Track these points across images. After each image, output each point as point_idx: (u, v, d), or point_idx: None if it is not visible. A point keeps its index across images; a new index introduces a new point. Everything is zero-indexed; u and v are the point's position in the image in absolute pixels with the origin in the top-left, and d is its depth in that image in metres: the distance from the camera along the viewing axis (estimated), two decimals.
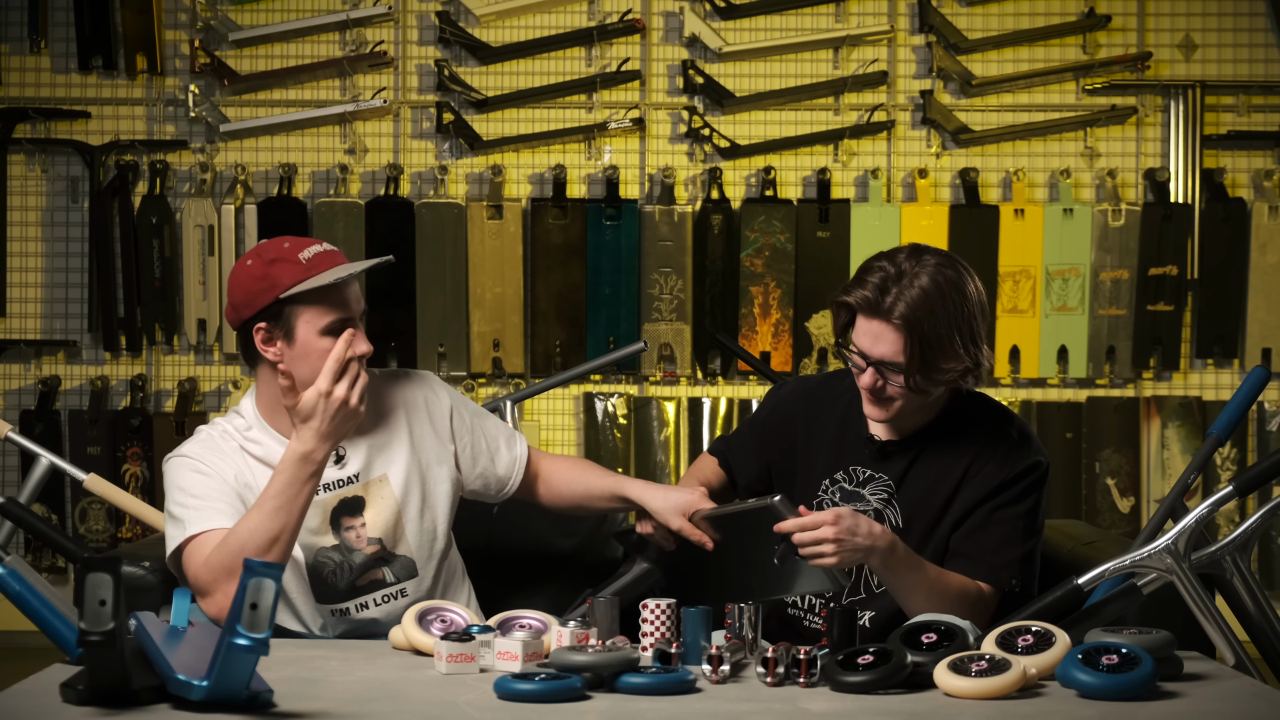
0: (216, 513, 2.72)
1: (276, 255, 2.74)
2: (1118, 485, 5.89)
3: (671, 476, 5.83)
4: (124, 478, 5.79)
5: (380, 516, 2.84)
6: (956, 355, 2.64)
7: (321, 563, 2.81)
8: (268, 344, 2.75)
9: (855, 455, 2.81)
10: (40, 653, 2.87)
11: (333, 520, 2.82)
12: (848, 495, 2.80)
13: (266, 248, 2.77)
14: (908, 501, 2.76)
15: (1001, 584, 2.70)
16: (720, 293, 5.88)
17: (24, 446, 4.12)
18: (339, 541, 2.82)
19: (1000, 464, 2.73)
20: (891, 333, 2.64)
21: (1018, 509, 2.73)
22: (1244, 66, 5.99)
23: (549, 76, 5.96)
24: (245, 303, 2.75)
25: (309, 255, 2.74)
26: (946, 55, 5.93)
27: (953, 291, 2.64)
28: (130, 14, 5.88)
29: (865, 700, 2.16)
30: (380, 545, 2.83)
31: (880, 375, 2.67)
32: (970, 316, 2.66)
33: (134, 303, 5.86)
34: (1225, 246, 5.91)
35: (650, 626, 2.41)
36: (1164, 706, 2.13)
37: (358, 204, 5.84)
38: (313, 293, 2.72)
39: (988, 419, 2.79)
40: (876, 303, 2.64)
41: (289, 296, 2.72)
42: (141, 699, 2.03)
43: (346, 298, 2.76)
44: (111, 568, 1.95)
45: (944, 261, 2.68)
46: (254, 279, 2.74)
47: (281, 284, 2.72)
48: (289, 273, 2.72)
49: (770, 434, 2.92)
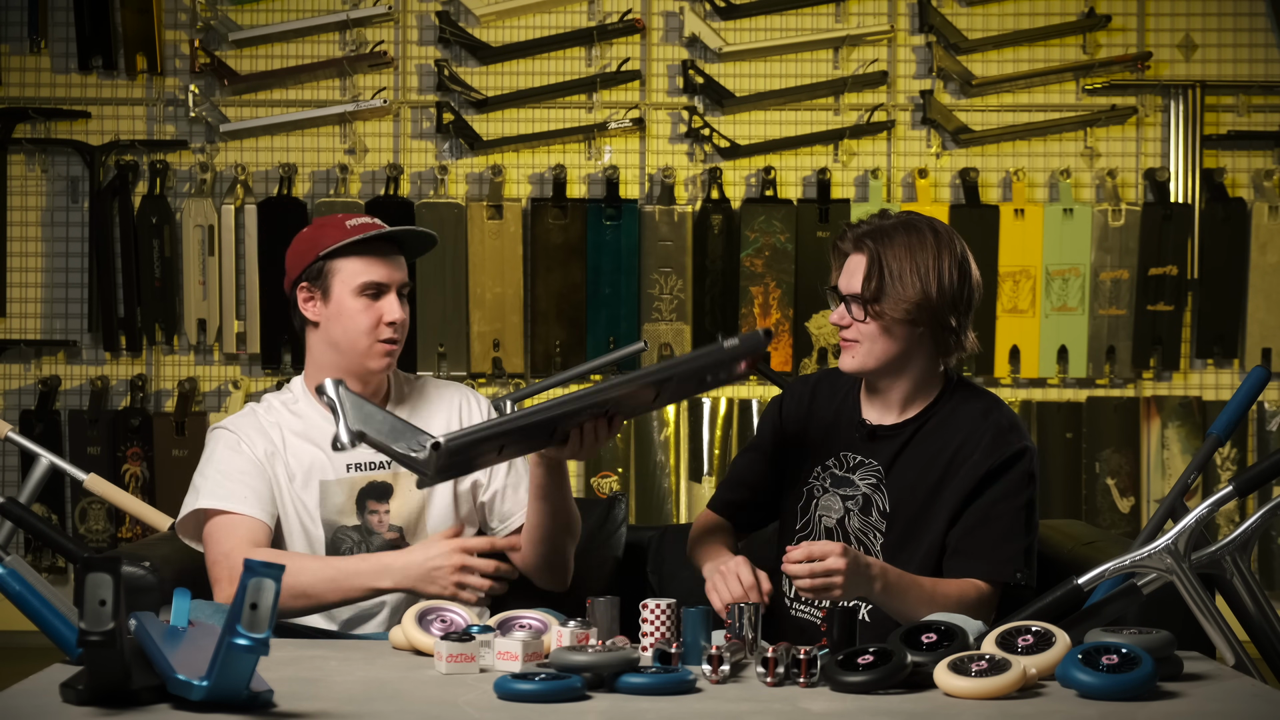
0: (241, 499, 2.82)
1: (326, 223, 2.90)
2: (1118, 485, 5.89)
3: (672, 476, 5.83)
4: (124, 478, 5.79)
5: (406, 508, 2.89)
6: (911, 285, 2.70)
7: (340, 540, 2.87)
8: (308, 302, 2.88)
9: (846, 440, 2.84)
10: (40, 653, 2.87)
11: (359, 500, 2.88)
12: (838, 481, 2.82)
13: (318, 220, 2.96)
14: (896, 487, 2.77)
15: (1006, 578, 2.71)
16: (720, 293, 5.88)
17: (24, 446, 4.12)
18: (360, 523, 2.88)
19: (988, 450, 2.75)
20: (854, 258, 2.76)
21: (1015, 502, 2.74)
22: (1244, 66, 6.00)
23: (549, 76, 5.97)
24: (293, 264, 2.90)
25: (355, 223, 2.87)
26: (946, 55, 5.93)
27: (919, 232, 2.74)
28: (130, 14, 5.88)
29: (865, 700, 2.16)
30: (400, 535, 2.89)
31: (847, 309, 2.75)
32: (936, 257, 2.72)
33: (134, 303, 5.87)
34: (1225, 246, 5.91)
35: (650, 626, 2.41)
36: (1164, 706, 2.13)
37: (358, 204, 5.84)
38: (350, 252, 2.84)
39: (976, 406, 2.81)
40: (850, 234, 2.78)
41: (328, 253, 2.84)
42: (141, 699, 2.03)
43: (384, 263, 2.86)
44: (111, 568, 1.95)
45: (927, 218, 2.79)
46: (302, 241, 2.91)
47: (322, 244, 2.85)
48: (331, 235, 2.86)
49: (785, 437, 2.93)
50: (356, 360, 2.87)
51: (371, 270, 2.85)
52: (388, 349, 2.87)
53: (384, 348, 2.87)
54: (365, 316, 2.85)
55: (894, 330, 2.73)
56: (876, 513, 2.78)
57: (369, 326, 2.85)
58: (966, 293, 2.75)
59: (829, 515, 2.81)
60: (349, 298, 2.85)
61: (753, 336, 2.65)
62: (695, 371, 2.70)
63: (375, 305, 2.85)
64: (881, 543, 2.78)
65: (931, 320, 2.73)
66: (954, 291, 2.73)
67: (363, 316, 2.85)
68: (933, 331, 2.75)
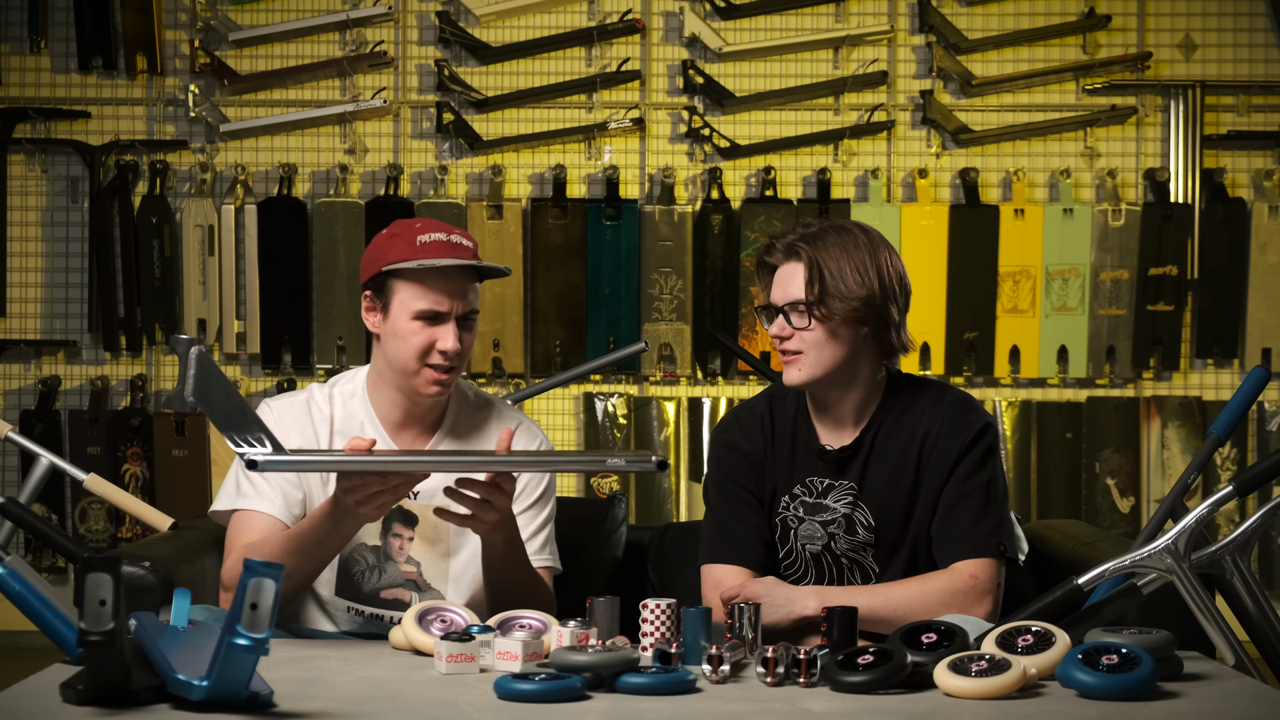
0: (268, 500, 2.76)
1: (399, 231, 2.78)
2: (1118, 485, 5.89)
3: (671, 476, 5.83)
4: (124, 478, 5.79)
5: (430, 550, 2.82)
6: (854, 281, 2.70)
7: (355, 559, 2.81)
8: (370, 312, 2.80)
9: (809, 467, 2.80)
10: (40, 653, 2.88)
11: (386, 520, 2.80)
12: (811, 508, 2.79)
13: (400, 223, 2.81)
14: (874, 499, 2.76)
15: (990, 553, 2.72)
16: (720, 293, 5.88)
17: (24, 446, 4.11)
18: (381, 544, 2.82)
19: (952, 434, 2.75)
20: (787, 267, 2.74)
21: (981, 478, 2.75)
22: (1244, 66, 6.00)
23: (549, 76, 5.97)
24: (364, 268, 2.81)
25: (427, 239, 2.74)
26: (946, 55, 5.93)
27: (849, 232, 2.75)
28: (130, 14, 5.88)
29: (865, 700, 2.16)
30: (418, 570, 2.82)
31: (787, 321, 2.72)
32: (872, 253, 2.73)
33: (134, 303, 5.87)
34: (1225, 246, 5.91)
35: (650, 626, 2.41)
36: (1164, 706, 2.13)
37: (358, 204, 5.84)
38: (413, 274, 2.73)
39: (925, 395, 2.80)
40: (778, 246, 2.76)
41: (390, 271, 2.74)
42: (141, 699, 2.03)
43: (446, 291, 2.74)
44: (111, 568, 1.94)
45: (852, 221, 2.85)
46: (375, 247, 2.79)
47: (388, 258, 2.75)
48: (399, 250, 2.74)
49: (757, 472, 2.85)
50: (406, 381, 2.78)
51: (430, 297, 2.73)
52: (437, 377, 2.75)
53: (433, 375, 2.75)
54: (418, 340, 2.73)
55: (839, 333, 2.72)
56: (862, 530, 2.76)
57: (419, 352, 2.74)
58: (905, 287, 2.76)
59: (812, 543, 2.79)
60: (404, 320, 2.74)
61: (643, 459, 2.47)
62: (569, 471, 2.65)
63: (430, 331, 2.73)
64: (873, 554, 2.78)
65: (876, 318, 2.73)
66: (894, 285, 2.74)
67: (415, 340, 2.73)
68: (876, 330, 2.74)
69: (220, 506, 2.83)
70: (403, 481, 2.54)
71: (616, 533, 3.35)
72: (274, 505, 2.77)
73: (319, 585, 2.81)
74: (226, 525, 2.84)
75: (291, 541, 2.67)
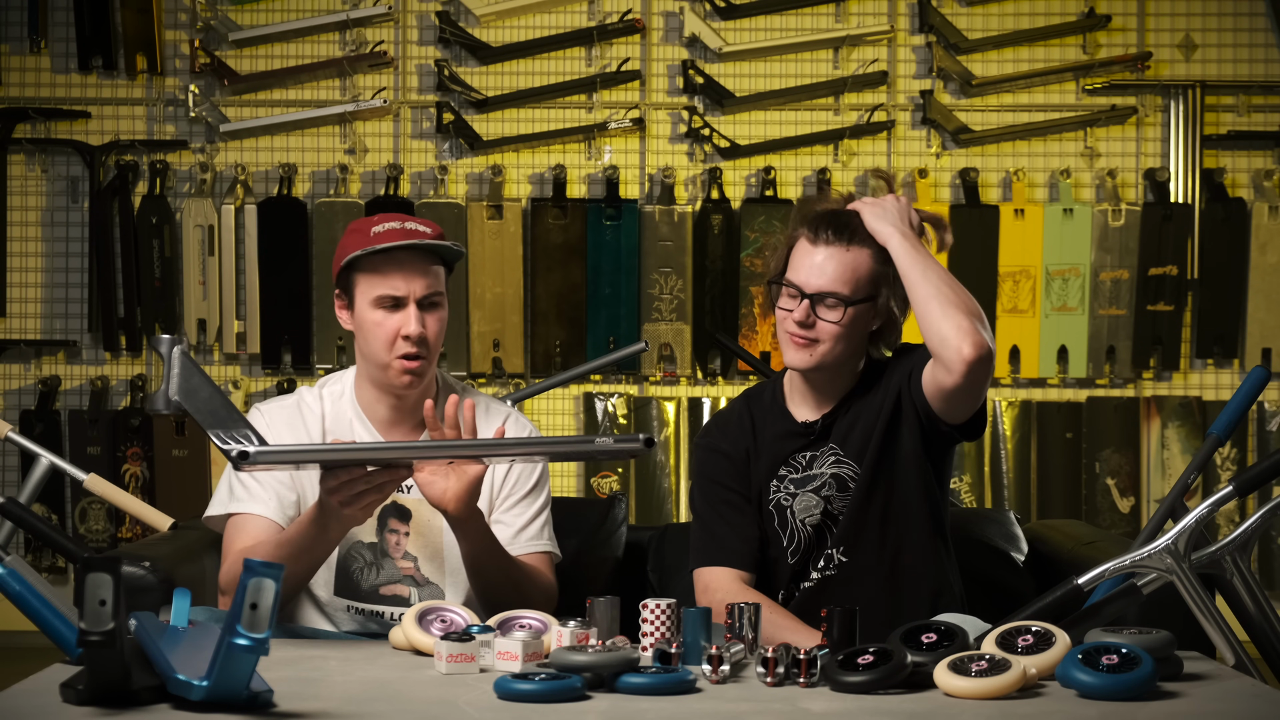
0: (261, 502, 2.76)
1: (358, 226, 2.80)
2: (1118, 485, 5.89)
3: (671, 476, 5.83)
4: (124, 478, 5.79)
5: (427, 544, 2.82)
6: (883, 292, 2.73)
7: (353, 557, 2.81)
8: (342, 310, 2.82)
9: (792, 446, 2.83)
10: (40, 653, 2.87)
11: (381, 517, 2.81)
12: (800, 482, 2.82)
13: (359, 220, 2.83)
14: (856, 450, 2.78)
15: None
16: (720, 293, 5.88)
17: (24, 446, 4.12)
18: (378, 540, 2.82)
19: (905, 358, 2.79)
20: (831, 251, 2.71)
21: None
22: (1244, 66, 6.00)
23: (549, 76, 5.97)
24: (333, 269, 2.83)
25: (381, 229, 2.76)
26: (946, 55, 5.93)
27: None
28: (130, 14, 5.88)
29: (865, 700, 2.16)
30: (415, 566, 2.83)
31: (813, 308, 2.71)
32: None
33: (134, 303, 5.87)
34: (1225, 246, 5.91)
35: (650, 626, 2.41)
36: (1164, 706, 2.13)
37: (358, 204, 5.84)
38: (369, 262, 2.75)
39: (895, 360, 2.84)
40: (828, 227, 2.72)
41: (349, 263, 2.77)
42: (141, 699, 2.03)
43: (402, 275, 2.75)
44: (111, 568, 1.94)
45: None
46: (339, 246, 2.81)
47: (348, 252, 2.77)
48: (356, 243, 2.77)
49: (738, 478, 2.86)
50: (381, 375, 2.79)
51: (386, 282, 2.74)
52: (407, 365, 2.76)
53: (403, 364, 2.75)
54: (382, 331, 2.75)
55: (856, 329, 2.76)
56: (853, 483, 2.79)
57: (387, 342, 2.75)
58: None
59: (810, 515, 2.80)
60: (367, 309, 2.76)
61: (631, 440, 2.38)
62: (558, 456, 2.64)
63: (392, 317, 2.75)
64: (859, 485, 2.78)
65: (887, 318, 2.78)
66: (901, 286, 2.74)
67: (380, 330, 2.75)
68: (883, 329, 2.79)
69: (214, 511, 2.82)
70: (388, 480, 2.52)
71: (616, 533, 3.35)
72: (268, 507, 2.77)
73: (316, 586, 2.81)
74: (221, 531, 2.83)
75: (282, 547, 2.66)
